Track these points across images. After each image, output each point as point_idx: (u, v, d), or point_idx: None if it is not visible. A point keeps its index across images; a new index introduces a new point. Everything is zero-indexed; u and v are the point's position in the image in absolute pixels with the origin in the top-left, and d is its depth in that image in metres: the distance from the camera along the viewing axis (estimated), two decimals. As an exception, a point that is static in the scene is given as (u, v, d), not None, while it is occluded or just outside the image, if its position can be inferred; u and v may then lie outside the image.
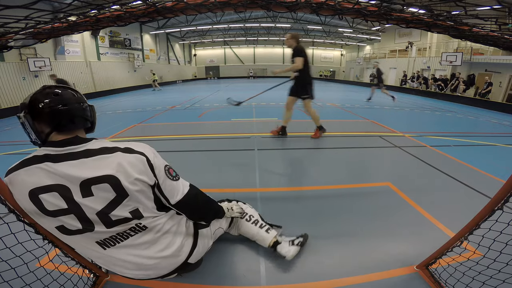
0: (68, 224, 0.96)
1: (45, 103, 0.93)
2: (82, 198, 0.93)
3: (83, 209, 0.95)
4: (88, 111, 1.08)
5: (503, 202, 1.00)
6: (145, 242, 1.09)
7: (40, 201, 0.91)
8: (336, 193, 2.42)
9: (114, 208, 0.98)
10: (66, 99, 0.97)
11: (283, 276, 1.44)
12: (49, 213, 0.93)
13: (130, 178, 0.97)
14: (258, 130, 4.75)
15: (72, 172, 0.92)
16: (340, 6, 0.87)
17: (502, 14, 0.86)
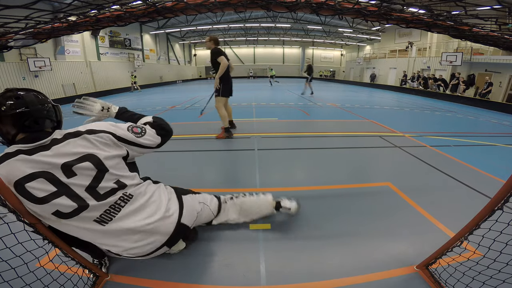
0: (63, 207, 1.02)
1: (6, 106, 0.97)
2: (67, 179, 1.03)
3: (72, 188, 1.03)
4: (53, 111, 1.12)
5: (503, 202, 1.00)
6: (136, 208, 1.19)
7: (28, 191, 0.95)
8: (336, 193, 2.42)
9: (99, 182, 1.08)
10: (28, 101, 1.01)
11: (283, 276, 1.44)
12: (41, 201, 0.98)
13: (105, 154, 1.10)
14: (258, 130, 4.75)
15: (49, 159, 1.00)
16: (340, 6, 0.87)
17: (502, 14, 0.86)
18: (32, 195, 0.96)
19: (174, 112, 7.24)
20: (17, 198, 0.95)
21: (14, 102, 0.98)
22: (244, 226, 1.89)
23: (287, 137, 4.37)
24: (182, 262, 1.55)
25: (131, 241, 1.19)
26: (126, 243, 1.18)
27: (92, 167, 1.07)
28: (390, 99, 11.10)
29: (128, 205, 1.17)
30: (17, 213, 0.95)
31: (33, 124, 1.03)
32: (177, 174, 2.85)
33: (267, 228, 1.86)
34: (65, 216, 1.04)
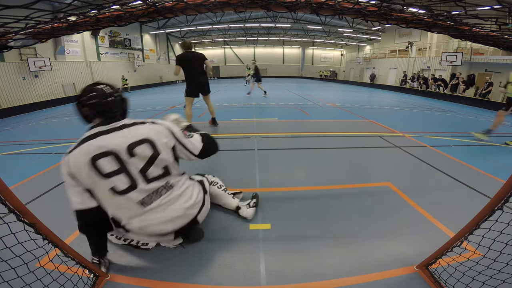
0: (118, 185, 1.28)
1: (87, 97, 1.28)
2: (129, 158, 1.29)
3: (130, 168, 1.30)
4: (121, 102, 1.40)
5: (503, 202, 1.00)
6: (173, 197, 1.43)
7: (98, 166, 1.23)
8: (336, 193, 2.42)
9: (150, 166, 1.35)
10: (103, 94, 1.30)
11: (283, 276, 1.44)
12: (105, 175, 1.25)
13: (160, 141, 1.37)
14: (258, 130, 4.75)
15: (119, 140, 1.28)
16: (340, 6, 0.87)
17: (502, 14, 0.86)
18: (100, 171, 1.24)
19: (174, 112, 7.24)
20: (17, 198, 0.95)
21: (94, 94, 1.28)
22: (244, 226, 1.89)
23: (287, 137, 4.37)
24: (182, 262, 1.55)
25: (158, 222, 1.39)
26: (151, 222, 1.38)
27: (149, 149, 1.33)
28: (390, 99, 11.10)
29: (168, 194, 1.42)
30: (17, 213, 0.95)
31: (107, 112, 1.32)
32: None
33: (267, 228, 1.87)
34: (117, 193, 1.29)
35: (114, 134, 1.29)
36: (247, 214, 1.93)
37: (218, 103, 8.79)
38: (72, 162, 1.25)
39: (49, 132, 5.59)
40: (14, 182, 2.66)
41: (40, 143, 4.41)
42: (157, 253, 1.64)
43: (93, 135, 1.27)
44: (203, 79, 4.49)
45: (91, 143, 1.25)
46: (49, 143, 4.38)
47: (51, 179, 2.72)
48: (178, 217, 1.43)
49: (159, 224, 1.40)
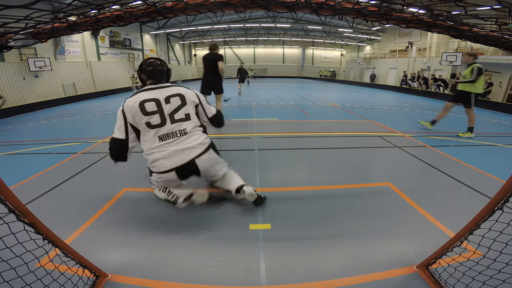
0: (152, 121, 1.84)
1: (145, 65, 1.99)
2: (165, 104, 1.89)
3: (164, 110, 1.88)
4: (166, 71, 2.09)
5: (503, 202, 1.00)
6: (181, 140, 1.89)
7: (144, 107, 1.84)
8: (336, 193, 2.42)
9: (177, 111, 1.92)
10: (156, 64, 2.01)
11: (283, 276, 1.44)
12: (147, 113, 1.84)
13: (188, 97, 2.00)
14: (258, 130, 4.75)
15: (161, 92, 1.93)
16: (340, 6, 0.87)
17: (502, 14, 0.86)
18: (143, 110, 1.84)
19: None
20: (17, 198, 0.95)
21: (148, 63, 2.00)
22: (244, 226, 1.89)
23: (287, 137, 4.37)
24: (182, 262, 1.55)
25: (169, 155, 1.84)
26: (163, 153, 1.84)
27: (179, 100, 1.95)
28: (390, 99, 11.10)
29: (179, 137, 1.89)
30: (17, 213, 0.95)
31: (156, 76, 2.00)
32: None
33: (267, 228, 1.87)
34: (150, 127, 1.85)
35: (159, 90, 1.94)
36: (247, 191, 2.01)
37: (218, 103, 8.78)
38: (126, 104, 1.87)
39: (49, 132, 5.60)
40: (14, 182, 2.66)
41: (40, 143, 4.41)
42: (157, 253, 1.64)
43: (146, 89, 1.95)
44: (212, 79, 4.65)
45: (142, 94, 1.91)
46: (49, 143, 4.38)
47: (51, 179, 2.72)
48: (176, 154, 1.84)
49: (162, 159, 1.84)
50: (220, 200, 2.29)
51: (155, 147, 1.84)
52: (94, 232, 1.85)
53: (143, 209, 2.16)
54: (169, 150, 1.83)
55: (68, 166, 3.12)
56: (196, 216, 2.04)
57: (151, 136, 1.84)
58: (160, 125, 1.84)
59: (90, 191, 2.50)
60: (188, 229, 1.88)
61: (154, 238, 1.78)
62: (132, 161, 3.41)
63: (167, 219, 2.01)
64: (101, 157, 3.41)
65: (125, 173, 2.96)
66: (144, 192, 2.42)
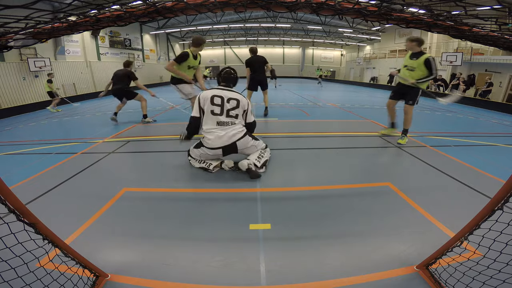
0: (215, 110, 2.72)
1: (223, 71, 2.99)
2: (226, 103, 2.75)
3: (224, 106, 2.74)
4: (234, 79, 2.99)
5: (503, 202, 1.00)
6: (230, 128, 2.75)
7: (213, 99, 2.74)
8: (336, 193, 2.42)
9: (232, 110, 2.76)
10: (228, 72, 2.97)
11: (283, 276, 1.44)
12: (213, 103, 2.73)
13: (241, 103, 2.80)
14: (258, 130, 4.74)
15: (227, 94, 2.78)
16: (340, 6, 0.87)
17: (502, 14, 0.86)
18: (212, 101, 2.72)
19: (174, 112, 7.25)
20: (17, 198, 0.95)
21: (226, 71, 2.97)
22: (244, 226, 1.89)
23: (287, 137, 4.36)
24: (182, 262, 1.55)
25: (217, 137, 2.70)
26: (213, 136, 2.70)
27: (235, 103, 2.76)
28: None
29: (229, 126, 2.75)
30: (17, 213, 0.95)
31: (228, 80, 2.93)
32: (177, 173, 2.85)
33: (267, 228, 1.87)
34: (212, 113, 2.71)
35: (226, 91, 2.80)
36: (241, 163, 2.73)
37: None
38: (203, 94, 2.78)
39: (49, 132, 5.60)
40: (14, 182, 2.66)
41: (40, 143, 4.41)
42: (157, 253, 1.64)
43: (218, 88, 2.84)
44: (262, 77, 5.78)
45: (215, 90, 2.79)
46: (49, 143, 4.38)
47: (51, 179, 2.72)
48: (225, 138, 2.69)
49: (215, 139, 2.68)
50: (220, 200, 2.29)
51: (213, 128, 2.70)
52: (94, 232, 1.85)
53: (143, 209, 2.16)
54: (221, 134, 2.67)
55: (68, 166, 3.12)
56: (196, 216, 2.04)
57: (212, 120, 2.71)
58: (219, 115, 2.70)
59: (90, 191, 2.50)
60: (188, 229, 1.88)
61: (154, 238, 1.78)
62: (132, 161, 3.42)
63: (167, 219, 2.01)
64: (101, 157, 3.41)
65: (125, 173, 2.96)
66: (144, 192, 2.42)
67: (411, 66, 3.85)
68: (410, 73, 3.86)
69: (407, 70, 3.91)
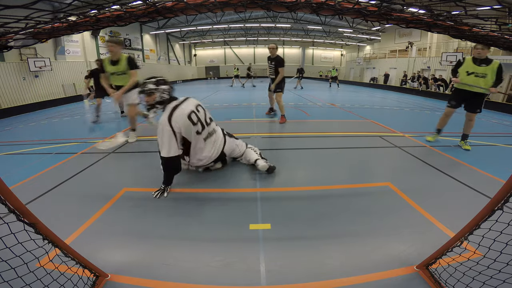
0: (199, 128, 2.36)
1: (162, 84, 2.35)
2: (198, 113, 2.38)
3: (200, 117, 2.40)
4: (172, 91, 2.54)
5: (503, 202, 1.00)
6: (215, 137, 2.60)
7: (192, 118, 2.29)
8: (336, 193, 2.42)
9: (206, 116, 2.50)
10: (168, 86, 2.41)
11: (283, 276, 1.45)
12: (195, 123, 2.32)
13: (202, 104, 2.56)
14: (259, 130, 4.75)
15: (190, 104, 2.40)
16: (340, 6, 0.87)
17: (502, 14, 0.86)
18: (193, 120, 2.32)
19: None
20: (17, 198, 0.95)
21: (163, 81, 2.36)
22: (244, 226, 1.89)
23: (287, 137, 4.36)
24: (182, 262, 1.55)
25: (207, 152, 2.55)
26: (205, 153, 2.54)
27: (201, 107, 2.50)
28: (390, 99, 11.10)
29: (214, 136, 2.57)
30: (17, 213, 0.95)
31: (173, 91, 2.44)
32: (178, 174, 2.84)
33: (267, 228, 1.87)
34: (198, 134, 2.39)
35: (186, 102, 2.39)
36: (261, 165, 2.68)
37: (218, 103, 8.79)
38: (174, 121, 2.21)
39: (49, 132, 5.59)
40: (14, 182, 2.66)
41: (40, 143, 4.41)
42: (157, 253, 1.64)
43: (180, 102, 2.36)
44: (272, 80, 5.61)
45: (182, 107, 2.31)
46: (49, 143, 4.38)
47: (51, 179, 2.72)
48: (213, 150, 2.57)
49: (206, 155, 2.53)
50: (220, 200, 2.29)
51: (202, 147, 2.49)
52: (94, 232, 1.85)
53: (143, 209, 2.16)
54: (210, 147, 2.55)
55: (68, 166, 3.12)
56: (196, 216, 2.04)
57: (200, 140, 2.43)
58: (202, 130, 2.42)
59: (90, 191, 2.50)
60: (188, 229, 1.88)
61: (154, 238, 1.78)
62: (132, 161, 3.42)
63: (167, 219, 2.01)
64: (101, 157, 3.41)
65: (125, 173, 2.96)
66: (144, 192, 2.42)
67: (482, 73, 3.62)
68: (483, 80, 3.63)
69: (478, 78, 3.66)
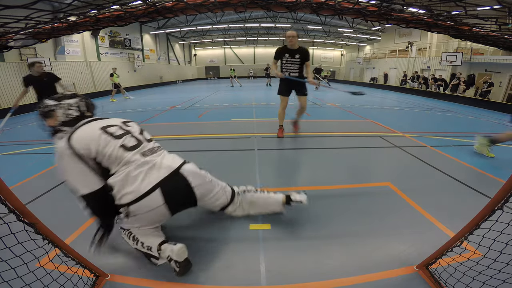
0: (127, 142, 1.49)
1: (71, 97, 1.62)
2: (127, 127, 1.59)
3: (132, 131, 1.58)
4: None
5: (503, 202, 1.00)
6: (165, 154, 1.65)
7: (109, 132, 1.46)
8: (336, 193, 2.42)
9: (143, 132, 1.67)
10: (86, 100, 1.63)
11: (283, 276, 1.44)
12: (118, 136, 1.48)
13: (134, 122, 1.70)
14: (258, 130, 4.75)
15: (112, 120, 1.59)
16: (340, 6, 0.87)
17: (502, 14, 0.86)
18: (113, 134, 1.46)
19: (174, 112, 7.24)
20: (17, 198, 0.95)
21: (72, 95, 1.66)
22: (244, 226, 1.89)
23: (287, 137, 4.36)
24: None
25: (156, 170, 1.48)
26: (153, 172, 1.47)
27: (134, 124, 1.67)
28: (390, 99, 11.10)
29: (160, 151, 1.63)
30: (17, 213, 0.95)
31: (92, 107, 1.67)
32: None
33: (267, 228, 1.87)
34: (127, 150, 1.46)
35: (106, 119, 1.59)
36: (302, 197, 1.86)
37: (218, 103, 8.79)
38: (78, 139, 1.37)
39: (49, 132, 5.60)
40: (14, 182, 2.66)
41: (40, 143, 4.41)
42: (157, 253, 1.63)
43: (93, 120, 1.53)
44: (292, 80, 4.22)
45: (93, 123, 1.49)
46: (49, 143, 4.37)
47: (51, 179, 2.72)
48: (165, 164, 1.52)
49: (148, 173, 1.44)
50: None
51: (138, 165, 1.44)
52: (94, 232, 1.85)
53: (143, 209, 2.15)
54: (154, 162, 1.50)
55: (68, 166, 3.11)
56: (196, 215, 2.04)
57: (131, 157, 1.43)
58: (137, 146, 1.50)
59: (90, 191, 2.50)
60: (187, 229, 1.88)
61: (154, 238, 1.77)
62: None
63: (167, 219, 2.01)
64: (101, 157, 3.41)
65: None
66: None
67: None
68: None
69: None
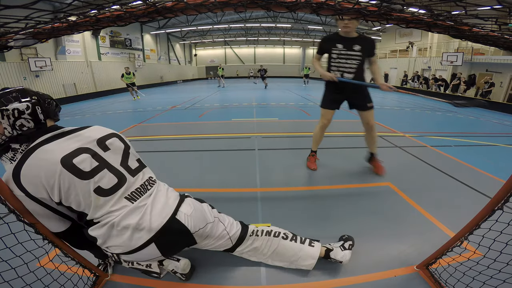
0: (104, 183, 1.06)
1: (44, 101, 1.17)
2: (104, 153, 1.12)
3: (110, 162, 1.12)
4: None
5: (503, 202, 1.00)
6: (158, 191, 1.24)
7: (76, 166, 1.01)
8: (336, 193, 2.42)
9: (127, 158, 1.21)
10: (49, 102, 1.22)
11: (283, 276, 1.44)
12: (88, 174, 1.03)
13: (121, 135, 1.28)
14: (259, 130, 4.75)
15: (85, 137, 1.12)
16: (340, 6, 0.87)
17: (502, 14, 0.86)
18: (80, 170, 1.01)
19: (174, 112, 7.25)
20: (17, 198, 0.95)
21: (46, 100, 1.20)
22: (244, 226, 1.88)
23: (287, 137, 4.36)
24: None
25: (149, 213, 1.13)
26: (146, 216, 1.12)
27: (118, 141, 1.22)
28: (390, 99, 11.09)
29: (153, 188, 1.24)
30: (17, 213, 0.95)
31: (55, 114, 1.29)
32: (177, 173, 2.85)
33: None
34: (104, 194, 1.06)
35: (76, 134, 1.11)
36: (344, 257, 1.46)
37: (218, 103, 8.79)
38: (29, 178, 0.94)
39: (49, 132, 5.60)
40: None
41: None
42: (157, 253, 1.64)
43: (52, 137, 1.05)
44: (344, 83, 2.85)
45: (50, 146, 1.00)
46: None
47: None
48: (159, 212, 1.15)
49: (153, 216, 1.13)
50: (220, 200, 2.29)
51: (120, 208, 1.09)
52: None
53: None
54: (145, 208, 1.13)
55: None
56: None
57: (115, 203, 1.08)
58: (119, 186, 1.10)
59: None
60: (188, 229, 1.88)
61: (154, 238, 1.78)
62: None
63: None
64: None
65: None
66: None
67: None
68: None
69: None
